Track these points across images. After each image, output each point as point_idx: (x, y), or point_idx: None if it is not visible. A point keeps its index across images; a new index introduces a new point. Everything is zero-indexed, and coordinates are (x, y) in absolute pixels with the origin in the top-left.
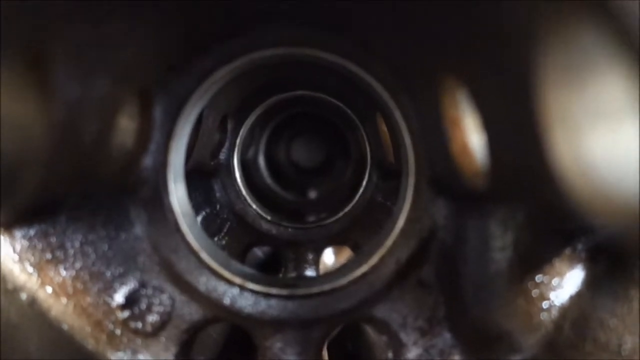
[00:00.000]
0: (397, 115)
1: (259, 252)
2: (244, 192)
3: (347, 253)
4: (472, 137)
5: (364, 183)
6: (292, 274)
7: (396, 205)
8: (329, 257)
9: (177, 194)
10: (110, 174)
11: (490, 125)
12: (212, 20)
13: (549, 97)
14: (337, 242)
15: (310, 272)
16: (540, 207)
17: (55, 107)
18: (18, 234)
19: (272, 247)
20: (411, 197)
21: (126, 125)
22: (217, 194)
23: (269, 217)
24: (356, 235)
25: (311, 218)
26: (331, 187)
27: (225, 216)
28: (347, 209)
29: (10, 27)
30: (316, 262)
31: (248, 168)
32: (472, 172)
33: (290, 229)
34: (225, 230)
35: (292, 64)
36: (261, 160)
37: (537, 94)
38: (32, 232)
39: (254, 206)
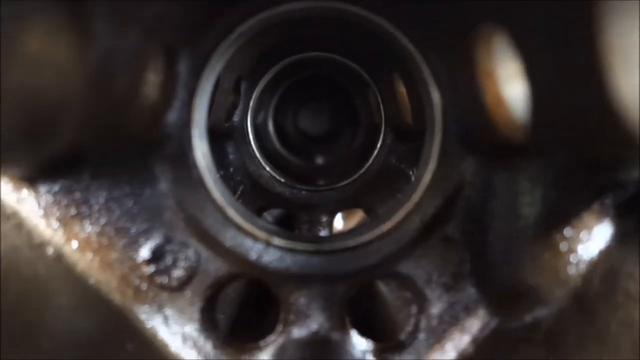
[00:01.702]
0: (425, 70)
1: (268, 216)
2: (257, 154)
3: (357, 217)
4: (508, 88)
5: (378, 146)
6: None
7: (421, 162)
8: (338, 220)
9: (202, 151)
10: (136, 130)
11: (534, 72)
12: None
13: (609, 32)
14: (350, 205)
15: (324, 235)
16: (575, 159)
17: (93, 54)
18: (42, 189)
19: (285, 209)
20: (437, 154)
21: (152, 80)
22: (231, 157)
23: (282, 180)
24: (370, 198)
25: (321, 182)
26: (339, 154)
27: (239, 178)
28: (361, 172)
29: None
30: (330, 225)
31: (259, 132)
32: (507, 125)
33: (303, 192)
34: (239, 192)
35: (313, 21)
36: (270, 125)
37: (595, 30)
38: (56, 187)
39: (268, 169)
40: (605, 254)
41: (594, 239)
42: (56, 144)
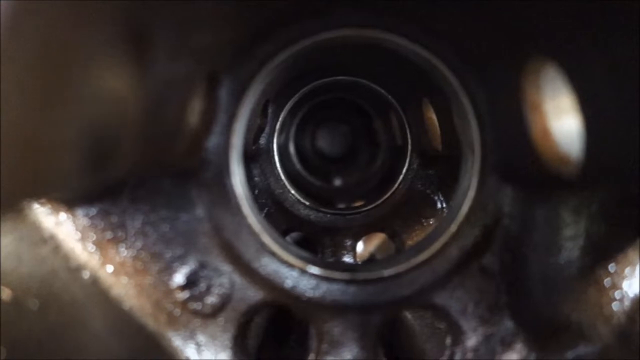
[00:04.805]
0: (464, 98)
1: (289, 239)
2: (283, 177)
3: (377, 240)
4: (557, 121)
5: (404, 170)
6: (330, 260)
7: (458, 191)
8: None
9: (239, 176)
10: (177, 155)
11: (589, 106)
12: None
13: None
14: (375, 229)
15: (347, 259)
16: (619, 192)
17: (149, 83)
18: (80, 212)
19: (309, 233)
20: (476, 184)
21: (197, 107)
22: (256, 179)
23: (307, 203)
24: (395, 223)
25: (341, 205)
26: (357, 177)
27: (263, 201)
28: (386, 196)
29: (117, 3)
30: (353, 249)
31: (282, 153)
32: (555, 159)
33: (328, 215)
34: (263, 214)
35: (349, 47)
36: (291, 147)
37: None
38: (93, 210)
39: (293, 191)
40: None
41: (638, 274)
42: (109, 172)
